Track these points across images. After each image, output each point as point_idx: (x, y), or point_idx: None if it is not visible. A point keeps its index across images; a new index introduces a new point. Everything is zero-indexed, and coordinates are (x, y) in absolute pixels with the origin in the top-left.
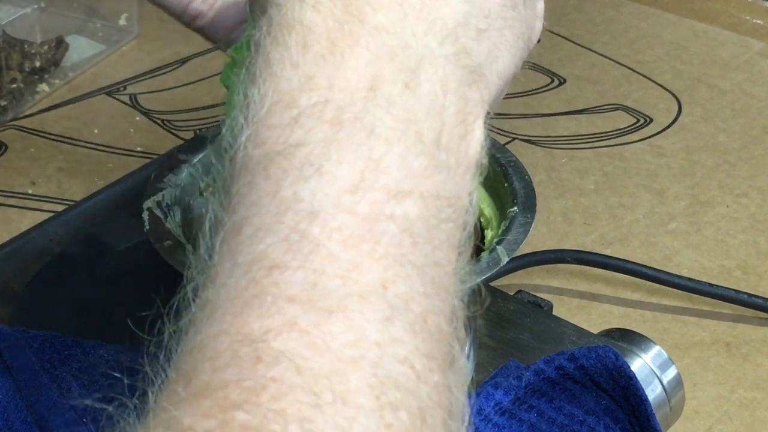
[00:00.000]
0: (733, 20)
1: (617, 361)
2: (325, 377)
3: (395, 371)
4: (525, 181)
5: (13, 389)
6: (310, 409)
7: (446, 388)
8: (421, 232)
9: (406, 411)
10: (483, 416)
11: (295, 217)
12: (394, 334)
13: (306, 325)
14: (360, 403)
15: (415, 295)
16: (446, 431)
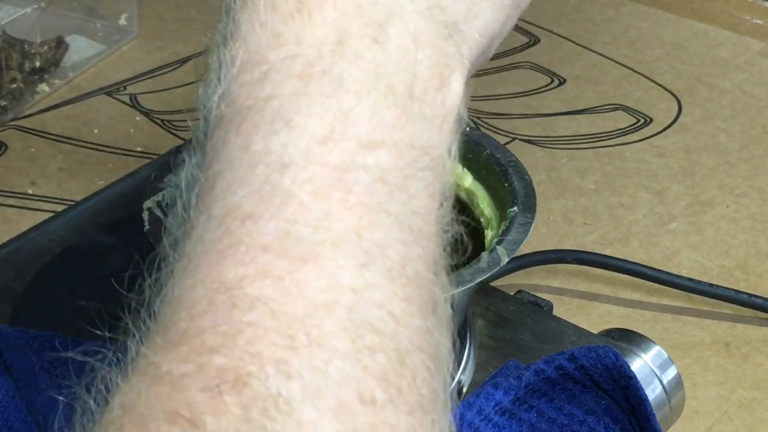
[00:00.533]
0: (733, 20)
1: (617, 361)
2: (299, 321)
3: (371, 316)
4: (525, 181)
5: (13, 389)
6: (285, 351)
7: (427, 332)
8: (396, 181)
9: (384, 354)
10: (483, 416)
11: (266, 169)
12: (369, 279)
13: (279, 272)
14: (335, 346)
15: (392, 243)
16: (428, 375)
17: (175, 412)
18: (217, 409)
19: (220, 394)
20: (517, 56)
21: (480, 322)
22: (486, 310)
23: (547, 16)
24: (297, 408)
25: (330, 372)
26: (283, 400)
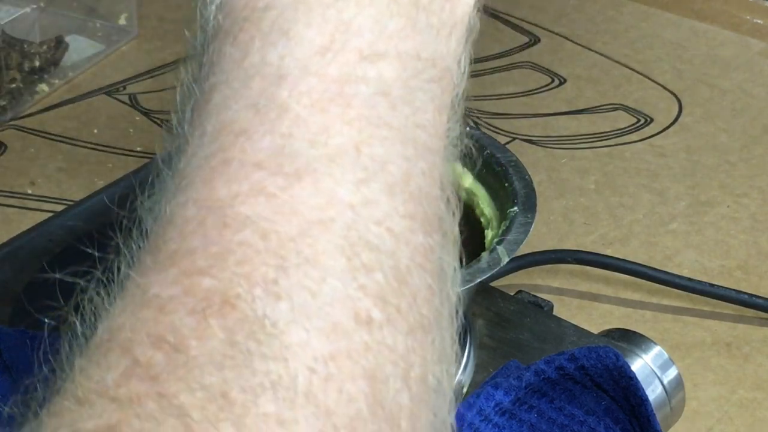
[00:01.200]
0: (733, 20)
1: (618, 362)
2: (291, 240)
3: (369, 233)
4: (525, 181)
5: (13, 389)
6: (275, 272)
7: (431, 250)
8: (400, 93)
9: (382, 272)
10: (483, 416)
11: (262, 82)
12: (368, 196)
13: (273, 190)
14: (329, 265)
15: (394, 157)
16: (430, 294)
17: (160, 336)
18: (202, 333)
19: (205, 317)
20: (517, 56)
21: (480, 322)
22: (486, 310)
23: (547, 16)
24: (284, 330)
25: (322, 292)
26: (269, 323)
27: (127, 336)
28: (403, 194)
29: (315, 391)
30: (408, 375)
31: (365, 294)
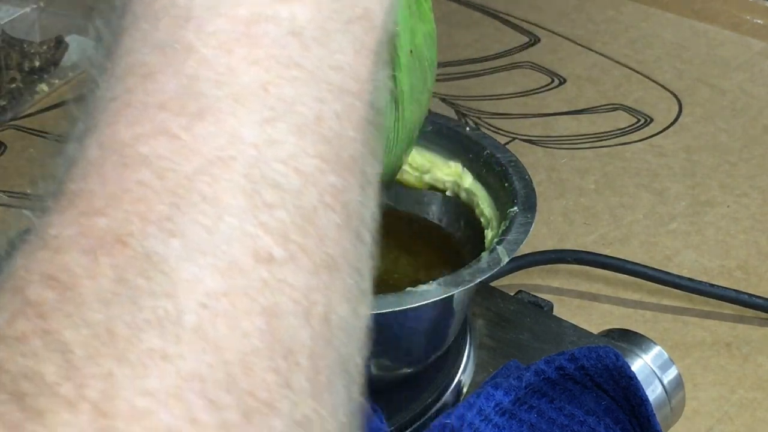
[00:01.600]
0: (733, 20)
1: (618, 362)
2: (189, 179)
3: (274, 172)
4: (525, 181)
5: None
6: (170, 210)
7: (343, 191)
8: (314, 34)
9: (286, 211)
10: (483, 416)
11: (170, 24)
12: (274, 135)
13: (176, 130)
14: (227, 202)
15: (305, 99)
16: (339, 234)
17: (52, 275)
18: (93, 272)
19: (96, 256)
20: (517, 56)
21: (480, 322)
22: (486, 310)
23: (547, 16)
24: (176, 267)
25: (219, 229)
26: (160, 260)
27: (22, 276)
28: (313, 135)
29: (205, 327)
30: (310, 313)
31: (266, 232)
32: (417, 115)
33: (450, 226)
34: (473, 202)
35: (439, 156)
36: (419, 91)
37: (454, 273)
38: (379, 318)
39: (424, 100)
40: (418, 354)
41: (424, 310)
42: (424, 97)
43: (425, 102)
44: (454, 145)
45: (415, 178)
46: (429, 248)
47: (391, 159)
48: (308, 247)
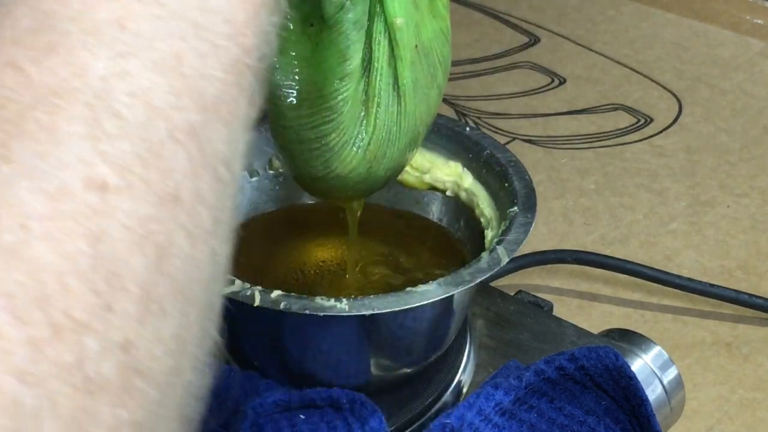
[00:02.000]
0: (733, 20)
1: (617, 362)
2: (31, 108)
3: (120, 104)
4: (525, 181)
5: None
6: (5, 137)
7: (201, 129)
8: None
9: (129, 142)
10: (483, 416)
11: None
12: (126, 68)
13: (23, 63)
14: (65, 131)
15: (165, 36)
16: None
17: None
18: None
19: None
20: (517, 56)
21: (480, 322)
22: (486, 310)
23: (547, 16)
24: (5, 190)
25: (53, 155)
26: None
27: None
28: (170, 72)
29: (21, 247)
30: (145, 242)
31: (104, 160)
32: (423, 111)
33: (450, 226)
34: (473, 202)
35: (439, 156)
36: (426, 87)
37: (454, 273)
38: (379, 318)
39: (432, 96)
40: (418, 354)
41: (424, 310)
42: (432, 94)
43: (434, 99)
44: (454, 145)
45: (415, 178)
46: (429, 248)
47: (393, 152)
48: (150, 179)
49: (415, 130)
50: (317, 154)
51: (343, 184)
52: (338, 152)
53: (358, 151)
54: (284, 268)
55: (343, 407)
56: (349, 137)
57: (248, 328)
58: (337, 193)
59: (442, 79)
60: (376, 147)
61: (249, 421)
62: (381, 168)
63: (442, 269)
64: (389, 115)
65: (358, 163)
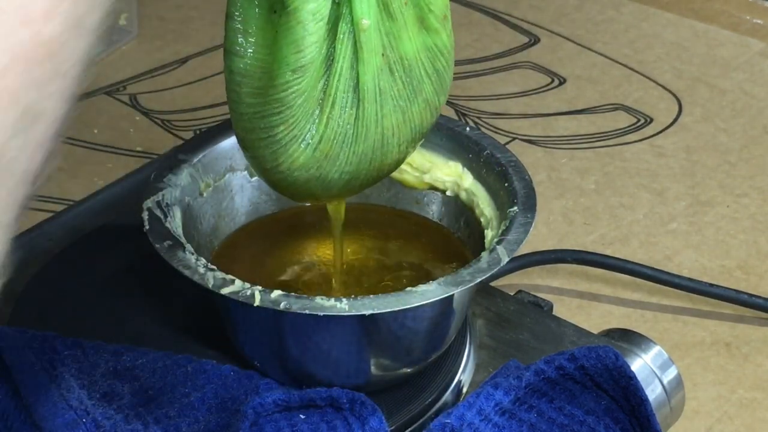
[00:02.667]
0: (733, 20)
1: (617, 362)
2: None
3: None
4: (525, 181)
5: (12, 389)
6: None
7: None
8: None
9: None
10: (483, 416)
11: None
12: None
13: None
14: None
15: None
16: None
17: None
18: None
19: None
20: (517, 56)
21: (480, 322)
22: (486, 310)
23: (547, 16)
24: None
25: None
26: None
27: None
28: None
29: None
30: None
31: None
32: (396, 123)
33: (450, 226)
34: (473, 202)
35: (439, 156)
36: (401, 99)
37: (454, 273)
38: (379, 318)
39: (414, 110)
40: (418, 354)
41: (424, 310)
42: (413, 108)
43: (417, 113)
44: (454, 145)
45: (415, 178)
46: (429, 248)
47: (349, 156)
48: None
49: (383, 140)
50: (264, 145)
51: (293, 179)
52: (285, 146)
53: (307, 148)
54: (284, 268)
55: (343, 407)
56: (298, 132)
57: (248, 328)
58: (290, 189)
59: (433, 95)
60: (327, 147)
61: (249, 421)
62: (334, 170)
63: (442, 269)
64: (345, 117)
65: (307, 161)
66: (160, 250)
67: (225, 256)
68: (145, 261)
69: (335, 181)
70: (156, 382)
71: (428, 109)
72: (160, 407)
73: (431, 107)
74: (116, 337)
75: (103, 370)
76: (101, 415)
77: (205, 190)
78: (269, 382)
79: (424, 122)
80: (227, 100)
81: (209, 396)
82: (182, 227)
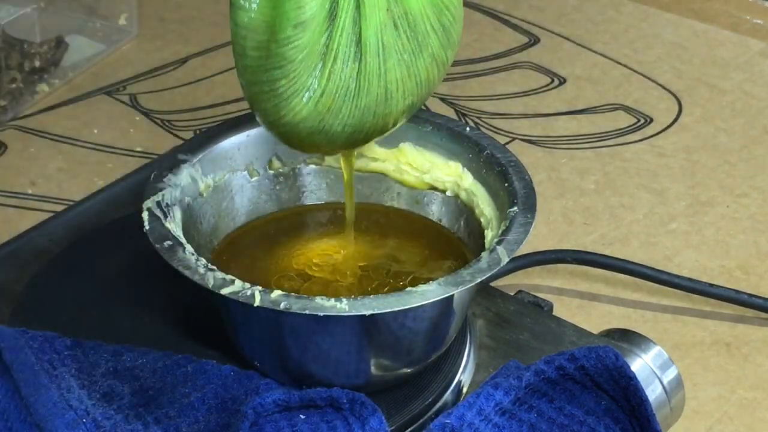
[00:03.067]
0: (733, 20)
1: (617, 362)
2: None
3: None
4: (525, 181)
5: (12, 389)
6: None
7: None
8: None
9: None
10: (483, 416)
11: None
12: None
13: None
14: None
15: None
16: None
17: None
18: None
19: None
20: (517, 56)
21: (480, 322)
22: (486, 310)
23: (547, 16)
24: None
25: None
26: None
27: None
28: None
29: None
30: None
31: None
32: (401, 77)
33: (450, 226)
34: (473, 202)
35: (439, 156)
36: (405, 53)
37: (454, 273)
38: (379, 318)
39: (420, 65)
40: (418, 354)
41: (424, 310)
42: (419, 63)
43: (423, 68)
44: (454, 145)
45: (415, 178)
46: (429, 248)
47: (351, 109)
48: None
49: (386, 94)
50: (267, 98)
51: (296, 132)
52: (287, 99)
53: (309, 101)
54: (284, 267)
55: (343, 407)
56: (300, 86)
57: (248, 328)
58: (295, 141)
59: (439, 50)
60: (329, 100)
61: (249, 421)
62: (337, 123)
63: (442, 269)
64: (348, 71)
65: (309, 114)
66: (160, 250)
67: (225, 255)
68: (145, 261)
69: (339, 134)
70: (156, 382)
71: (435, 64)
72: (160, 407)
73: (438, 62)
74: (116, 337)
75: (103, 370)
76: (101, 415)
77: (205, 190)
78: (269, 382)
79: (431, 77)
80: (233, 53)
81: (209, 396)
82: (182, 227)
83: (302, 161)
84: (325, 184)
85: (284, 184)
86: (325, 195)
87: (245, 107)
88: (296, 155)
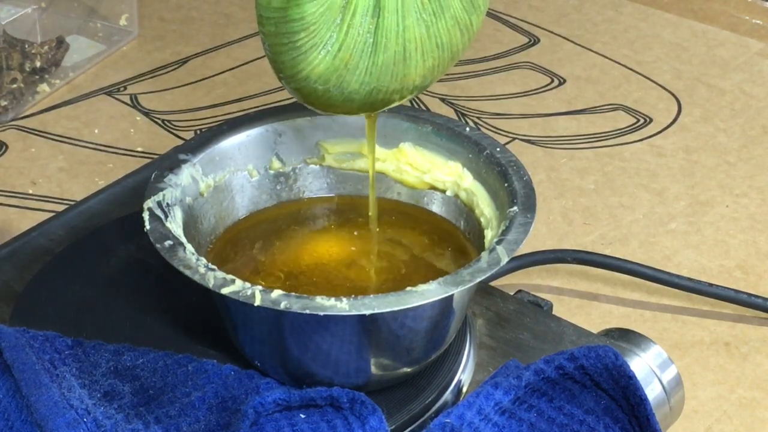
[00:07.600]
0: (732, 20)
1: (617, 361)
2: None
3: None
4: (525, 181)
5: (13, 389)
6: None
7: None
8: None
9: None
10: (483, 416)
11: None
12: None
13: None
14: None
15: None
16: None
17: None
18: None
19: None
20: (517, 56)
21: (480, 322)
22: (486, 310)
23: (547, 16)
24: None
25: None
26: None
27: None
28: None
29: None
30: None
31: None
32: (419, 36)
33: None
34: (473, 202)
35: (439, 156)
36: (426, 13)
37: (454, 273)
38: (379, 318)
39: (441, 27)
40: (418, 354)
41: (424, 309)
42: (440, 24)
43: (444, 30)
44: (454, 145)
45: (415, 178)
46: (432, 240)
47: (369, 65)
48: None
49: (404, 52)
50: (286, 50)
51: (313, 87)
52: (306, 53)
53: (327, 55)
54: (284, 267)
55: (343, 406)
56: (319, 40)
57: (249, 328)
58: (311, 98)
59: (461, 12)
60: (346, 55)
61: (249, 420)
62: (354, 80)
63: (443, 266)
64: (366, 26)
65: (326, 69)
66: (161, 250)
67: (223, 252)
68: (146, 261)
69: (356, 92)
70: (157, 382)
71: (457, 27)
72: (161, 407)
73: (461, 25)
74: (116, 337)
75: (103, 370)
76: (102, 414)
77: (206, 190)
78: (270, 382)
79: (454, 40)
80: (255, 4)
81: (210, 395)
82: (183, 227)
83: (302, 161)
84: (326, 184)
85: (284, 184)
86: (326, 195)
87: (245, 107)
88: (297, 155)
